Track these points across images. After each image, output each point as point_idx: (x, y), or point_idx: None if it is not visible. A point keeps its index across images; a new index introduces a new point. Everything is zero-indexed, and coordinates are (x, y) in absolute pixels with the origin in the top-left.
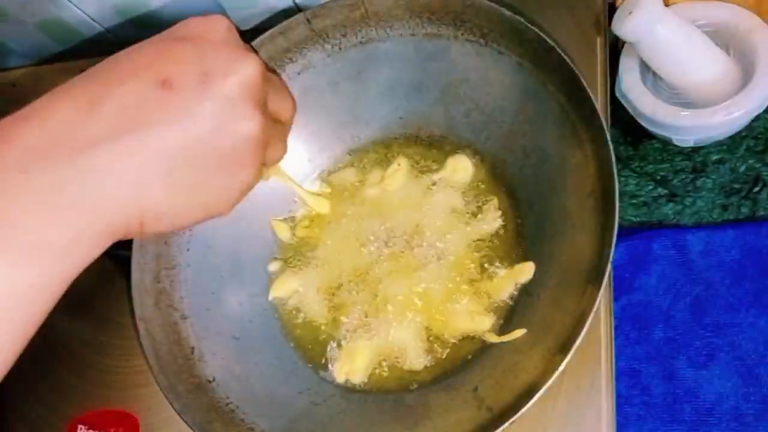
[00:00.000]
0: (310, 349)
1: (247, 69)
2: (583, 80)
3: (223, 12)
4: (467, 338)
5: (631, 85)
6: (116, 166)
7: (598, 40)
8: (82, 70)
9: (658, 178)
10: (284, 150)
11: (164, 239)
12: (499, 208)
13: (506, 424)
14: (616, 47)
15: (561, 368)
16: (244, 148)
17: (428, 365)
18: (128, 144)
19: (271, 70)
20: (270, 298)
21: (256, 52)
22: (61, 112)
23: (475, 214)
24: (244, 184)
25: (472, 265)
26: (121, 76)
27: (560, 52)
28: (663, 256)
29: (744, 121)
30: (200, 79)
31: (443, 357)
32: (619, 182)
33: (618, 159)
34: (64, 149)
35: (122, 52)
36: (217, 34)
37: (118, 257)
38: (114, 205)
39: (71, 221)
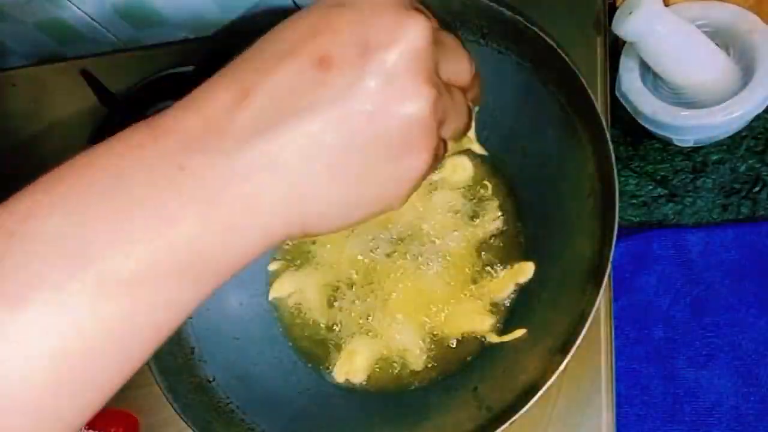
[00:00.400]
0: (310, 349)
1: (412, 36)
2: (583, 80)
3: (222, 12)
4: (467, 338)
5: (631, 85)
6: (273, 159)
7: (598, 40)
8: (83, 70)
9: (658, 178)
10: (467, 120)
11: None
12: (499, 209)
13: (506, 424)
14: (616, 47)
15: (561, 368)
16: (413, 130)
17: (428, 365)
18: (285, 134)
19: (444, 27)
20: (270, 298)
21: (428, 8)
22: (215, 102)
23: (475, 215)
24: (417, 171)
25: (472, 265)
26: (275, 57)
27: (560, 52)
28: (663, 256)
29: (744, 121)
30: (360, 53)
31: (443, 357)
32: (619, 182)
33: (618, 159)
34: (219, 143)
35: (278, 27)
36: None
37: None
38: (272, 205)
39: (226, 223)
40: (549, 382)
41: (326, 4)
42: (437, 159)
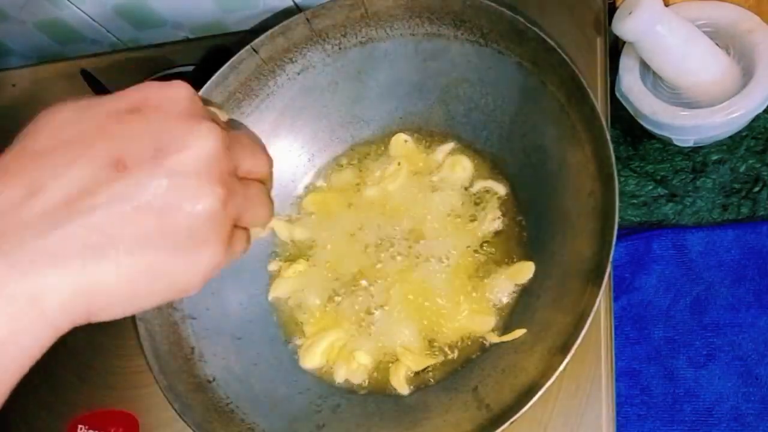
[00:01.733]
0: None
1: (204, 141)
2: (583, 80)
3: (222, 12)
4: (467, 338)
5: (631, 85)
6: (57, 255)
7: (598, 40)
8: (83, 70)
9: (658, 178)
10: (267, 209)
11: None
12: (499, 208)
13: (506, 424)
14: (616, 47)
15: (561, 368)
16: (203, 226)
17: (428, 365)
18: (71, 229)
19: (237, 126)
20: (270, 298)
21: (221, 108)
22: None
23: (474, 214)
24: (209, 263)
25: (472, 265)
26: (69, 154)
27: (560, 52)
28: (663, 256)
29: (744, 121)
30: (153, 155)
31: (443, 357)
32: (619, 182)
33: (618, 159)
34: None
35: (70, 119)
36: (173, 103)
37: None
38: (54, 298)
39: (7, 317)
40: (549, 382)
41: (124, 107)
42: (234, 248)
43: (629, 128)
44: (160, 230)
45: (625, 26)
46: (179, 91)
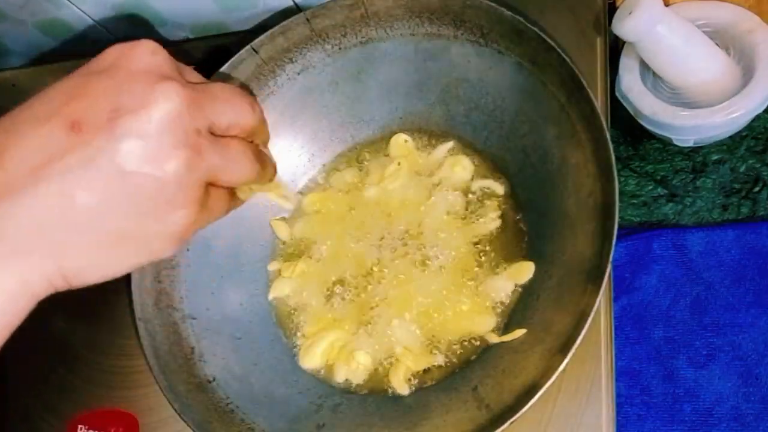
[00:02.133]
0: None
1: (165, 99)
2: (583, 80)
3: (222, 12)
4: (467, 338)
5: (631, 85)
6: (23, 220)
7: (598, 40)
8: None
9: (658, 178)
10: (249, 167)
11: None
12: (499, 208)
13: (506, 424)
14: (616, 47)
15: (561, 368)
16: (170, 189)
17: (428, 365)
18: (35, 195)
19: (223, 79)
20: (270, 297)
21: (200, 72)
22: None
23: (474, 214)
24: (181, 225)
25: (472, 265)
26: (31, 121)
27: (560, 52)
28: (663, 256)
29: (744, 121)
30: (110, 117)
31: (443, 357)
32: (619, 182)
33: (618, 159)
34: None
35: (40, 93)
36: (137, 62)
37: None
38: (27, 263)
39: None
40: (549, 382)
41: (86, 71)
42: (212, 209)
43: (629, 128)
44: (123, 194)
45: (625, 26)
46: (143, 48)
